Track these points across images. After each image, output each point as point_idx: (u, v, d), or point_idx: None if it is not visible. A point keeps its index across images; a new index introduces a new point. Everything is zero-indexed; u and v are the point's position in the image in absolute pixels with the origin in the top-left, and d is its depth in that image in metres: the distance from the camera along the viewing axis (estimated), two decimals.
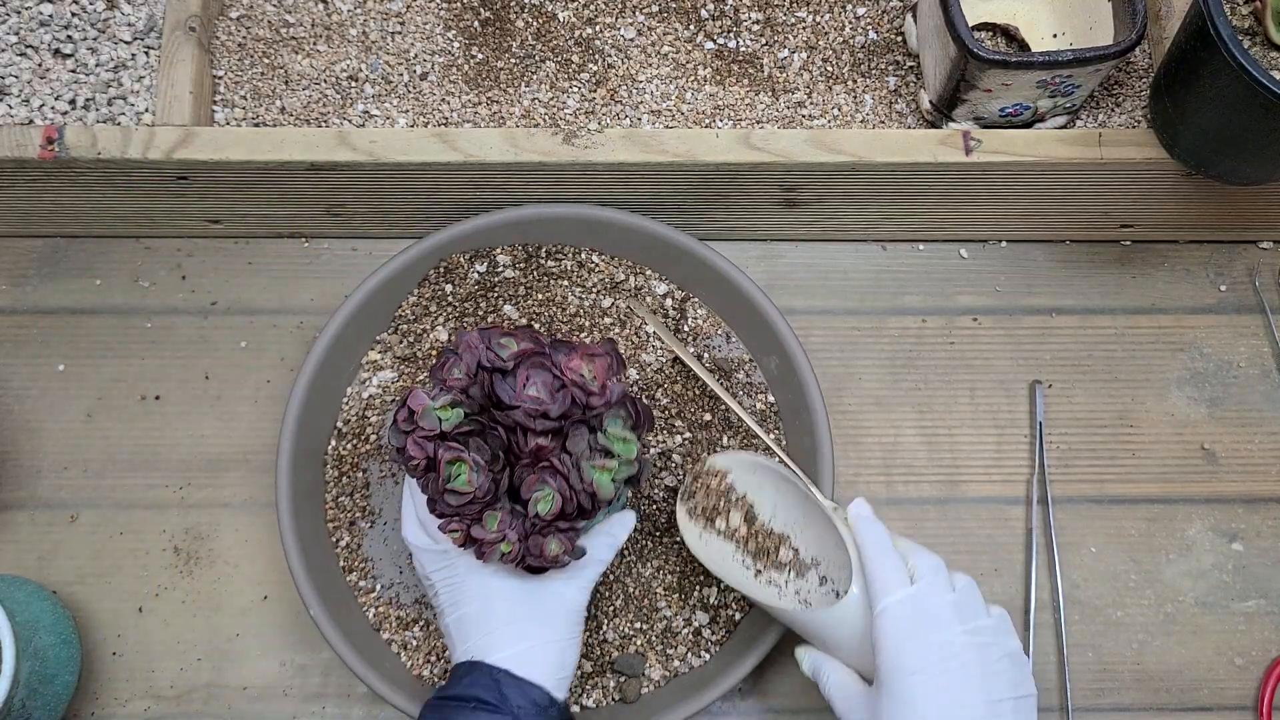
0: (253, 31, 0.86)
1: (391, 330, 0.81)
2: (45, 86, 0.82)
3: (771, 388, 0.81)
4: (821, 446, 0.76)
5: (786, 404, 0.80)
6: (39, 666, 0.69)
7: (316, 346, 0.77)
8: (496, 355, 0.65)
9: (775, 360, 0.79)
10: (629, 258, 0.83)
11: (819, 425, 0.76)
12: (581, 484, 0.64)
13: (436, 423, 0.63)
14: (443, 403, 0.64)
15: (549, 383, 0.64)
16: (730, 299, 0.81)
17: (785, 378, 0.79)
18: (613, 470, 0.64)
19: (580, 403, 0.64)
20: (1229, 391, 0.86)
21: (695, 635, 0.75)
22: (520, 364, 0.64)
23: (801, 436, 0.78)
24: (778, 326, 0.78)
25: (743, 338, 0.82)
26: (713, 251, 0.80)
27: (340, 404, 0.80)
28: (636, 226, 0.81)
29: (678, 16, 0.88)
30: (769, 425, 0.80)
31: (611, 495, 0.65)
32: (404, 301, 0.82)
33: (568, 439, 0.65)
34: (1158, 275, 0.89)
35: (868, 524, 0.65)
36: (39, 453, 0.81)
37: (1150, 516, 0.82)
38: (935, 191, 0.81)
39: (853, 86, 0.86)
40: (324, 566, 0.75)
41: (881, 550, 0.64)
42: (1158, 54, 0.84)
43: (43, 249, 0.86)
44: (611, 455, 0.65)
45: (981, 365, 0.86)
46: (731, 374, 0.81)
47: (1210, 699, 0.79)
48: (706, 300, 0.83)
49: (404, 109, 0.84)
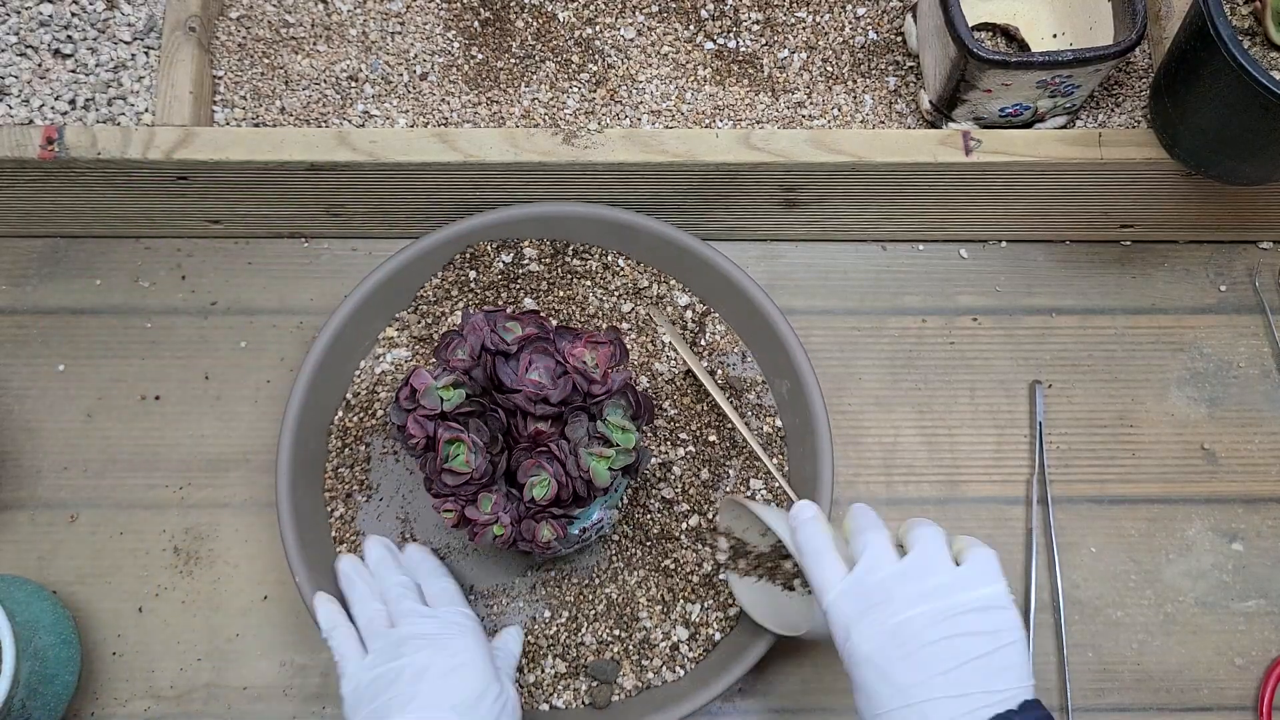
0: (253, 31, 0.86)
1: (411, 309, 0.82)
2: (45, 86, 0.82)
3: (781, 412, 0.80)
4: (822, 473, 0.75)
5: (793, 429, 0.79)
6: (39, 666, 0.69)
7: (337, 314, 0.78)
8: (500, 338, 0.65)
9: (787, 385, 0.79)
10: (655, 265, 0.83)
11: (822, 453, 0.76)
12: (578, 471, 0.64)
13: (438, 402, 0.63)
14: (445, 383, 0.64)
15: (551, 368, 0.64)
16: (751, 318, 0.80)
17: (795, 402, 0.78)
18: (610, 459, 0.64)
19: (581, 390, 0.64)
20: (1229, 391, 0.86)
21: (673, 649, 0.75)
22: (523, 348, 0.64)
23: (804, 464, 0.78)
24: (794, 352, 0.78)
25: (758, 358, 0.81)
26: (739, 269, 0.80)
27: (352, 376, 0.80)
28: (668, 236, 0.81)
29: (678, 16, 0.88)
30: (774, 449, 0.80)
31: (608, 484, 0.64)
32: (427, 283, 0.82)
33: (567, 425, 0.64)
34: (1158, 275, 0.89)
35: (803, 527, 0.62)
36: (39, 453, 0.81)
37: (1150, 516, 0.82)
38: (935, 191, 0.81)
39: (853, 86, 0.86)
40: (317, 539, 0.76)
41: (816, 552, 0.60)
42: (1158, 54, 0.84)
43: (43, 249, 0.86)
44: (610, 444, 0.65)
45: (981, 365, 0.86)
46: (743, 394, 0.81)
47: (1210, 699, 0.79)
48: (727, 317, 0.82)
49: (404, 109, 0.84)
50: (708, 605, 0.76)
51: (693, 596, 0.76)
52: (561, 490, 0.64)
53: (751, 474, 0.79)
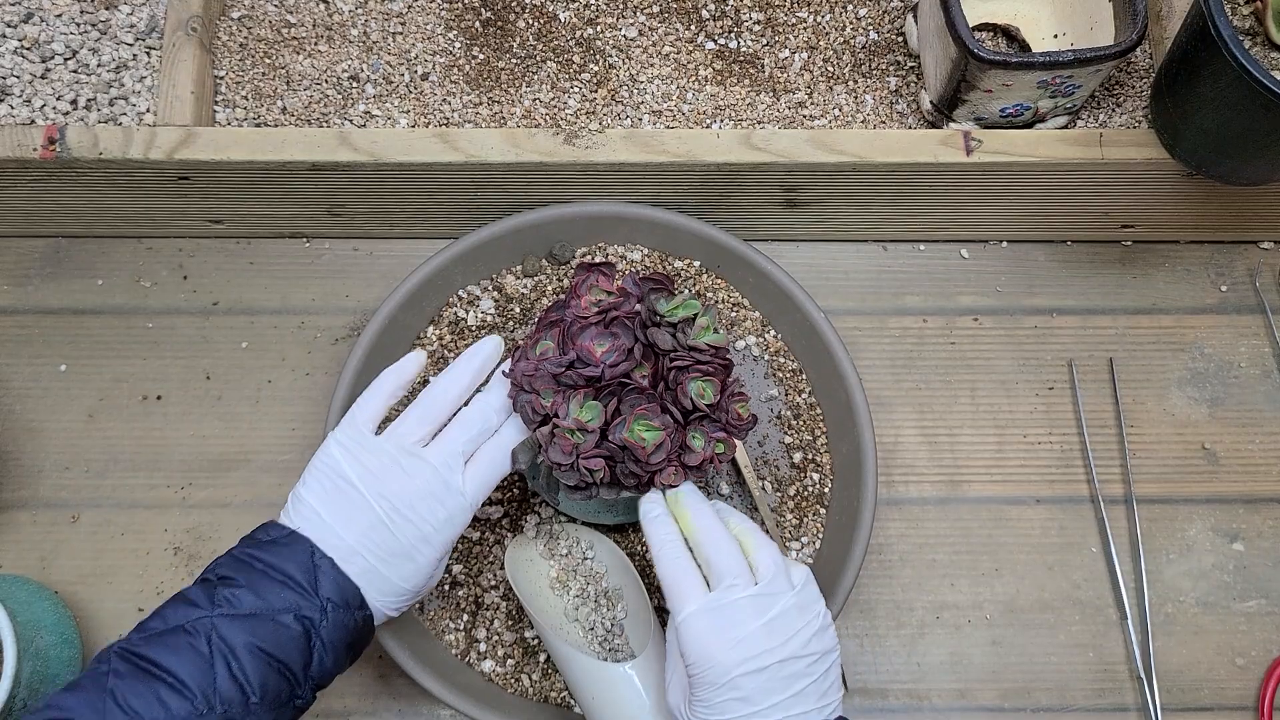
0: (254, 32, 0.86)
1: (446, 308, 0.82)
2: (47, 87, 0.82)
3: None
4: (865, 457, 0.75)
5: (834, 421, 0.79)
6: (41, 667, 0.69)
7: (378, 314, 0.77)
8: (551, 357, 0.64)
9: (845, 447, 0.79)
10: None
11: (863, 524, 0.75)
12: (703, 354, 0.64)
13: (586, 428, 0.63)
14: (577, 407, 0.63)
15: (599, 332, 0.63)
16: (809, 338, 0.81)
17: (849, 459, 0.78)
18: (707, 326, 0.64)
19: (622, 317, 0.63)
20: (1230, 392, 0.86)
21: None
22: (570, 341, 0.63)
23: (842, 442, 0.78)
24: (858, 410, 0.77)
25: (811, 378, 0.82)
26: (796, 284, 0.80)
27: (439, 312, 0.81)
28: (770, 274, 0.80)
29: (679, 17, 0.88)
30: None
31: (725, 340, 0.65)
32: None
33: (657, 344, 0.64)
34: (1158, 275, 0.89)
35: (652, 525, 0.63)
36: (41, 453, 0.82)
37: (1150, 516, 0.82)
38: (936, 192, 0.81)
39: (853, 87, 0.87)
40: None
41: (675, 559, 0.61)
42: (1158, 54, 0.84)
43: (44, 249, 0.86)
44: (690, 320, 0.64)
45: (982, 365, 0.86)
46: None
47: (1211, 699, 0.79)
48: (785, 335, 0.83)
49: (405, 109, 0.84)
50: None
51: None
52: (715, 376, 0.63)
53: None
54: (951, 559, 0.81)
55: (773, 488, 0.79)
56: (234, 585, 0.58)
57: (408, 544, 0.61)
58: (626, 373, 0.63)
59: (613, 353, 0.63)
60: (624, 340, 0.63)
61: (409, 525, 0.61)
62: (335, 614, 0.59)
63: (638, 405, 0.63)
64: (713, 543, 0.61)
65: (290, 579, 0.58)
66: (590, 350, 0.63)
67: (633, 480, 0.64)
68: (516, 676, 0.75)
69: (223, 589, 0.58)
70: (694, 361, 0.63)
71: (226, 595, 0.57)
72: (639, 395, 0.63)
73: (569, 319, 0.64)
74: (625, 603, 0.73)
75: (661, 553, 0.62)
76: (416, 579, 0.62)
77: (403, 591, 0.62)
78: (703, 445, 0.64)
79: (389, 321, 0.78)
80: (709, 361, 0.64)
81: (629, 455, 0.63)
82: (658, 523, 0.63)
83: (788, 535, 0.78)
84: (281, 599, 0.58)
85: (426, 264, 0.79)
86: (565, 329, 0.64)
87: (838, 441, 0.79)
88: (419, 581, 0.62)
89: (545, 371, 0.63)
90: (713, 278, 0.83)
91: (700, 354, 0.64)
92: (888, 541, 0.81)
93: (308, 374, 0.84)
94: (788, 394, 0.81)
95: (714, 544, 0.61)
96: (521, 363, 0.64)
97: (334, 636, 0.59)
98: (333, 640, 0.59)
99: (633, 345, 0.63)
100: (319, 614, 0.58)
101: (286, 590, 0.58)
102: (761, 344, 0.82)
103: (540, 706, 0.74)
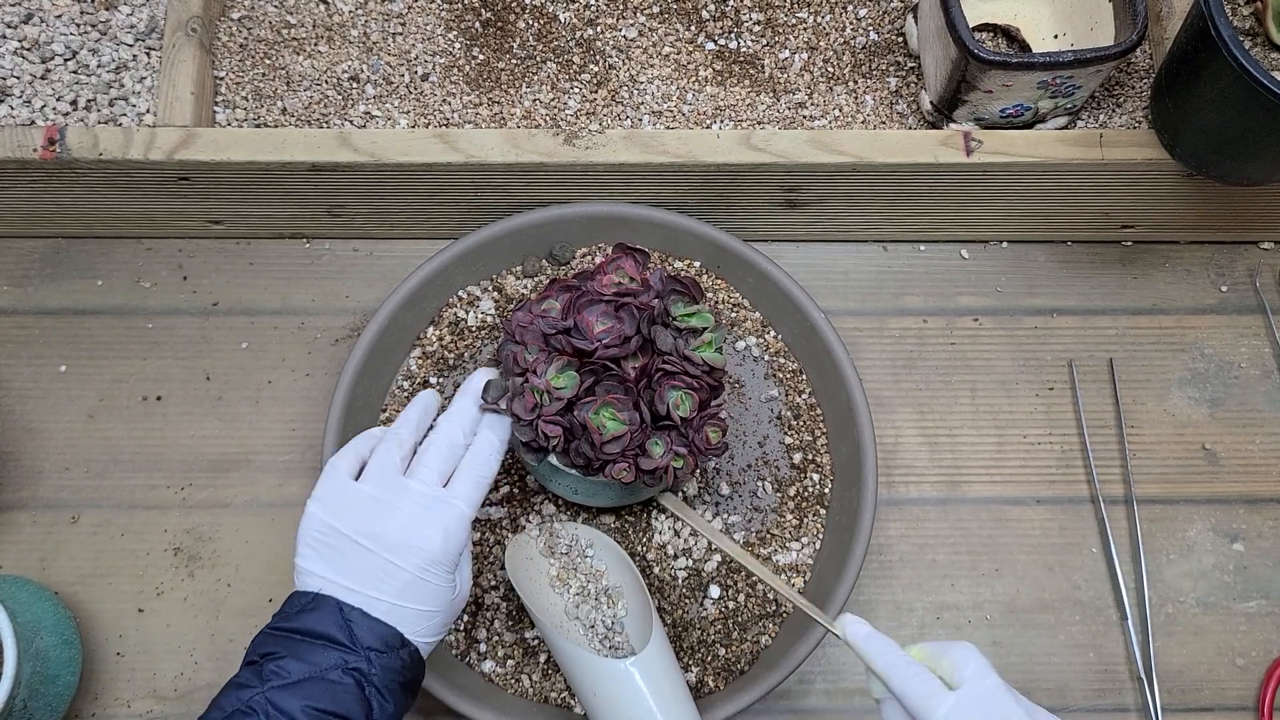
0: (254, 32, 0.86)
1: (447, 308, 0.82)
2: (47, 87, 0.82)
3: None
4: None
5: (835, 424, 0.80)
6: (41, 667, 0.69)
7: (379, 314, 0.77)
8: (550, 317, 0.64)
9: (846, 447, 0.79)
10: (748, 298, 0.83)
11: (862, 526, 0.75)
12: (694, 366, 0.63)
13: (556, 394, 0.63)
14: (555, 369, 0.63)
15: (603, 310, 0.63)
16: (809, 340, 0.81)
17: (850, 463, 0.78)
18: (710, 342, 0.64)
19: (634, 306, 0.63)
20: (1230, 392, 0.86)
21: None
22: (575, 310, 0.64)
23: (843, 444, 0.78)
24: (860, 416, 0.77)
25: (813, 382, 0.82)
26: (797, 285, 0.80)
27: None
28: (771, 274, 0.80)
29: (679, 17, 0.88)
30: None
31: (723, 363, 0.64)
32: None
33: (655, 343, 0.64)
34: (1159, 276, 0.89)
35: (871, 641, 0.60)
36: (40, 453, 0.81)
37: (1151, 517, 0.82)
38: (936, 192, 0.81)
39: (853, 87, 0.87)
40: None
41: (904, 664, 0.58)
42: (1159, 54, 0.85)
43: (44, 249, 0.86)
44: (697, 331, 0.64)
45: (982, 366, 0.86)
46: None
47: (1211, 699, 0.79)
48: (786, 337, 0.83)
49: (405, 110, 0.84)
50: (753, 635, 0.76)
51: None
52: (698, 393, 0.63)
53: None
54: (952, 559, 0.81)
55: (773, 488, 0.79)
56: (278, 658, 0.59)
57: (415, 571, 0.61)
58: (616, 359, 0.63)
59: (609, 334, 0.63)
60: (625, 327, 0.63)
61: (409, 553, 0.61)
62: (380, 659, 0.59)
63: (612, 392, 0.63)
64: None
65: (330, 638, 0.59)
66: (589, 325, 0.63)
67: (582, 461, 0.64)
68: (516, 677, 0.75)
69: (268, 664, 0.59)
70: (683, 371, 0.63)
71: (273, 669, 0.58)
72: (617, 384, 0.63)
73: (584, 289, 0.64)
74: (625, 600, 0.73)
75: (893, 667, 0.59)
76: (437, 600, 0.63)
77: (432, 617, 0.62)
78: (661, 454, 0.64)
79: (389, 322, 0.78)
80: (698, 377, 0.64)
81: (585, 437, 0.63)
82: (874, 640, 0.60)
83: (788, 535, 0.78)
84: (327, 658, 0.59)
85: (426, 264, 0.79)
86: (575, 297, 0.64)
87: (838, 442, 0.79)
88: (441, 603, 0.63)
89: (538, 329, 0.63)
90: (713, 278, 0.83)
91: (693, 366, 0.64)
92: (888, 542, 0.81)
93: (308, 374, 0.84)
94: (788, 394, 0.81)
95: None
96: (520, 313, 0.64)
97: (386, 680, 0.60)
98: (386, 684, 0.60)
99: (633, 335, 0.63)
100: (365, 663, 0.59)
101: (329, 650, 0.59)
102: (762, 344, 0.82)
103: (540, 707, 0.74)
